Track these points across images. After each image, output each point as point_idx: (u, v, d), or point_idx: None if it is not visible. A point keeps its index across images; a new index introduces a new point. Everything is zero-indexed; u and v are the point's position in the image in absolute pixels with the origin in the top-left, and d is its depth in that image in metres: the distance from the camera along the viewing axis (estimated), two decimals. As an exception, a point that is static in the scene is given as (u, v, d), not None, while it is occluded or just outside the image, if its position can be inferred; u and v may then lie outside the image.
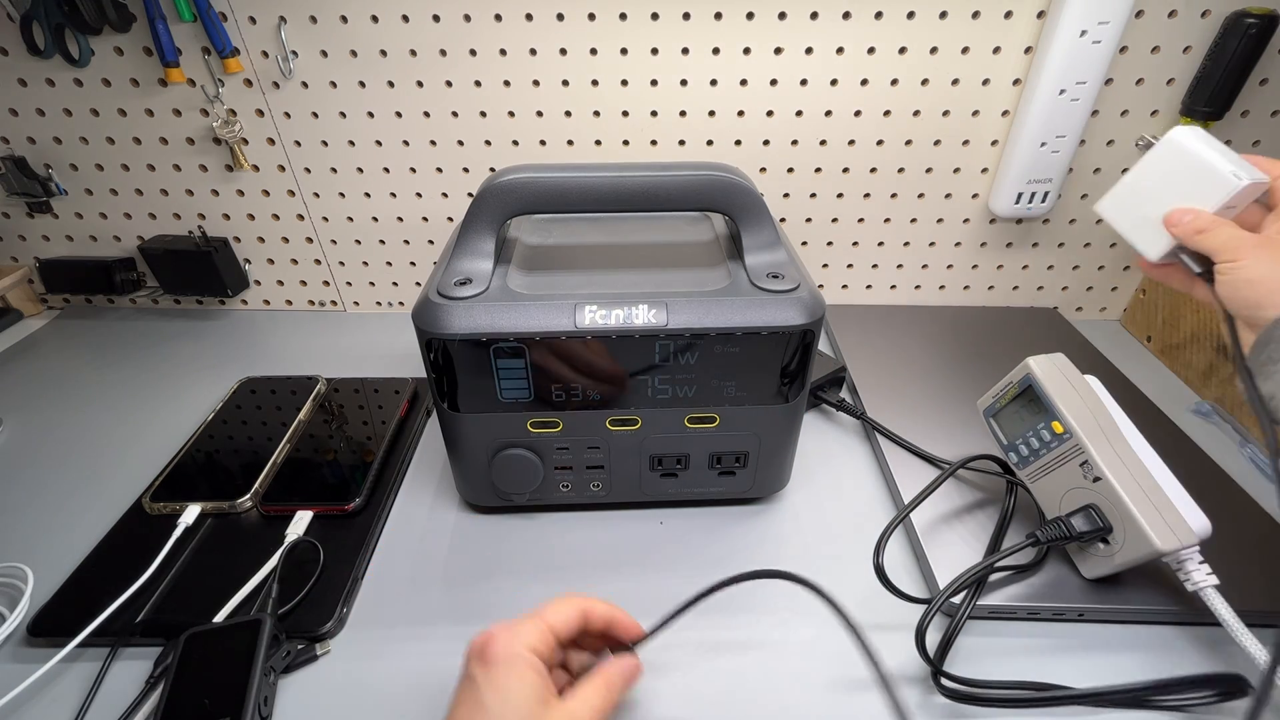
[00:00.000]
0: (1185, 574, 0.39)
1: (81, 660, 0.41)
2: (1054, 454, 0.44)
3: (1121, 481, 0.40)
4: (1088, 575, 0.44)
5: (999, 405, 0.49)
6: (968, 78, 0.63)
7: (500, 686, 0.29)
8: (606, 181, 0.43)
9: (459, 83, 0.64)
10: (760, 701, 0.40)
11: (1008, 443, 0.48)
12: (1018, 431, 0.47)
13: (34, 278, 0.77)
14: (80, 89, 0.65)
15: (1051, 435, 0.44)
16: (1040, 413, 0.45)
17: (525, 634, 0.31)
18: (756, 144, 0.68)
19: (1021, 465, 0.47)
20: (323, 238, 0.74)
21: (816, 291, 0.44)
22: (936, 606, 0.40)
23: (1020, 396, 0.47)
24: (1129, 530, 0.39)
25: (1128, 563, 0.40)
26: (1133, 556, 0.40)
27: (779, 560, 0.49)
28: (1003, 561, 0.43)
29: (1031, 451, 0.46)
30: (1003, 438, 0.48)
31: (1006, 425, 0.48)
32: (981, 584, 0.44)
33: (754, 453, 0.49)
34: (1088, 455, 0.42)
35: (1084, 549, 0.44)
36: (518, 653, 0.30)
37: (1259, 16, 0.57)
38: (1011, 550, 0.43)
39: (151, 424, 0.61)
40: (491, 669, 0.29)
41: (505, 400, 0.45)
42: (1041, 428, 0.45)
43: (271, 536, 0.48)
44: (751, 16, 0.60)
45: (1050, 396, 0.44)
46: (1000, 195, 0.69)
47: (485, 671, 0.29)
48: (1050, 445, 0.44)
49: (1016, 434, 0.47)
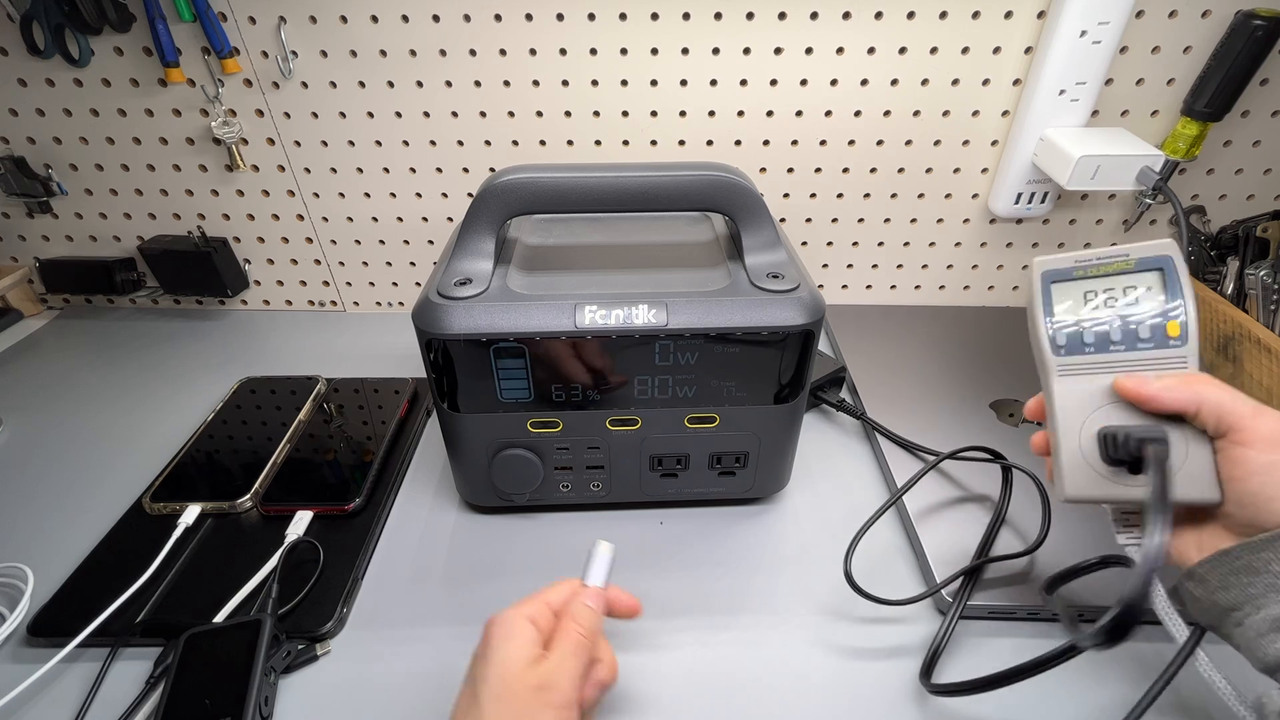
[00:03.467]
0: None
1: (81, 660, 0.41)
2: (1135, 357, 0.35)
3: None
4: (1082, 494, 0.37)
5: (1082, 273, 0.37)
6: (968, 78, 0.63)
7: (496, 646, 0.32)
8: (606, 182, 0.43)
9: (459, 83, 0.64)
10: (760, 700, 0.40)
11: (1063, 320, 0.37)
12: (1094, 315, 0.37)
13: (34, 278, 0.77)
14: (80, 89, 0.65)
15: (1154, 334, 0.35)
16: (1154, 303, 0.36)
17: (523, 606, 0.35)
18: (756, 144, 0.68)
19: (1066, 353, 0.37)
20: (322, 238, 0.74)
21: (816, 291, 0.44)
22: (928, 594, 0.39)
23: (1132, 274, 0.36)
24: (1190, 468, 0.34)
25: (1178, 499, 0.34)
26: (1178, 495, 0.33)
27: (779, 560, 0.49)
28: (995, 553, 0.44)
29: (1101, 343, 0.36)
30: (1056, 311, 0.37)
31: (1072, 298, 0.37)
32: (976, 575, 0.44)
33: (754, 453, 0.49)
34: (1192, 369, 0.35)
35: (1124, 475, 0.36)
36: (512, 616, 0.34)
37: (1266, 18, 0.57)
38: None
39: (151, 424, 0.61)
40: (490, 632, 0.33)
41: (505, 400, 0.45)
42: (1143, 319, 0.35)
43: (271, 537, 0.48)
44: (751, 16, 0.60)
45: (1186, 291, 0.35)
46: (1000, 195, 0.69)
47: (485, 638, 0.33)
48: (1141, 344, 0.35)
49: (1089, 315, 0.37)
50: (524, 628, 0.33)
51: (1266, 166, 0.68)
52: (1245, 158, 0.67)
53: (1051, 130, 0.63)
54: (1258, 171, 0.68)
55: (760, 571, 0.48)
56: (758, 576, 0.48)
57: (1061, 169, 0.61)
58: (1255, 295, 0.62)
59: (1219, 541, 0.33)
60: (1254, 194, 0.70)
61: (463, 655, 0.42)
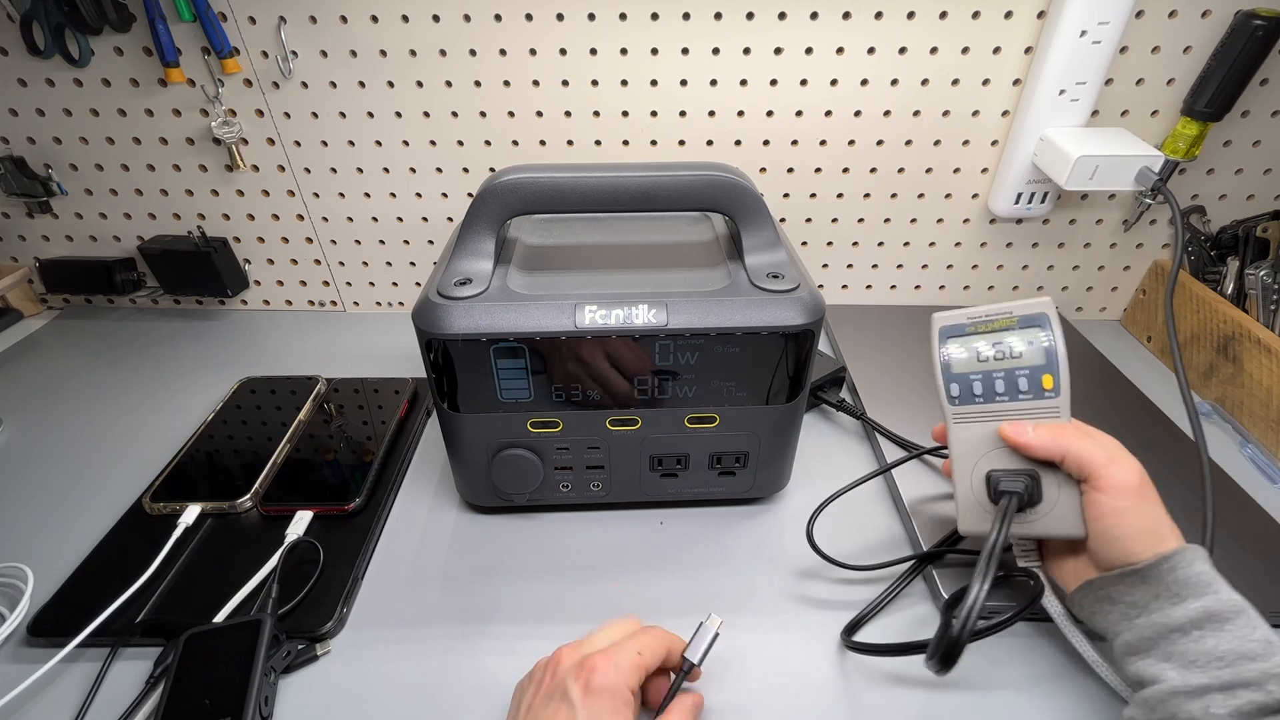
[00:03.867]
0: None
1: (81, 660, 0.41)
2: (1017, 406, 0.39)
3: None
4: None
5: (973, 329, 0.41)
6: (968, 78, 0.63)
7: (598, 718, 0.31)
8: (606, 182, 0.43)
9: (459, 83, 0.64)
10: (761, 700, 0.40)
11: (957, 373, 0.41)
12: (982, 368, 0.40)
13: (34, 278, 0.77)
14: (80, 89, 0.65)
15: (1032, 386, 0.39)
16: (1034, 358, 0.39)
17: (627, 672, 0.33)
18: (756, 144, 0.68)
19: (960, 402, 0.41)
20: (322, 238, 0.74)
21: (816, 291, 0.44)
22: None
23: (1015, 330, 0.40)
24: (1060, 508, 0.38)
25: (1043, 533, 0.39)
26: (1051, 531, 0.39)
27: (779, 561, 0.49)
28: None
29: (988, 393, 0.40)
30: (952, 364, 0.41)
31: (965, 353, 0.41)
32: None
33: (754, 453, 0.49)
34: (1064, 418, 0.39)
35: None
36: (619, 691, 0.32)
37: (1266, 18, 0.57)
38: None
39: (151, 424, 0.61)
40: (593, 700, 0.32)
41: (505, 400, 0.45)
42: (1023, 372, 0.39)
43: (271, 537, 0.48)
44: (751, 16, 0.60)
45: (1059, 348, 0.38)
46: (1000, 195, 0.69)
47: (587, 700, 0.32)
48: (1021, 395, 0.39)
49: (978, 368, 0.40)
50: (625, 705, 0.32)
51: (1266, 166, 0.68)
52: (1245, 158, 0.67)
53: (1051, 130, 0.63)
54: (1258, 171, 0.68)
55: (760, 571, 0.48)
56: (758, 576, 0.48)
57: (1061, 169, 0.61)
58: (1255, 295, 0.63)
59: (1088, 572, 0.38)
60: (1254, 194, 0.70)
61: (462, 655, 0.42)
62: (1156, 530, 0.36)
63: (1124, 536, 0.36)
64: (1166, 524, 0.36)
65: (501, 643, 0.43)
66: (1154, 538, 0.35)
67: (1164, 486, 0.37)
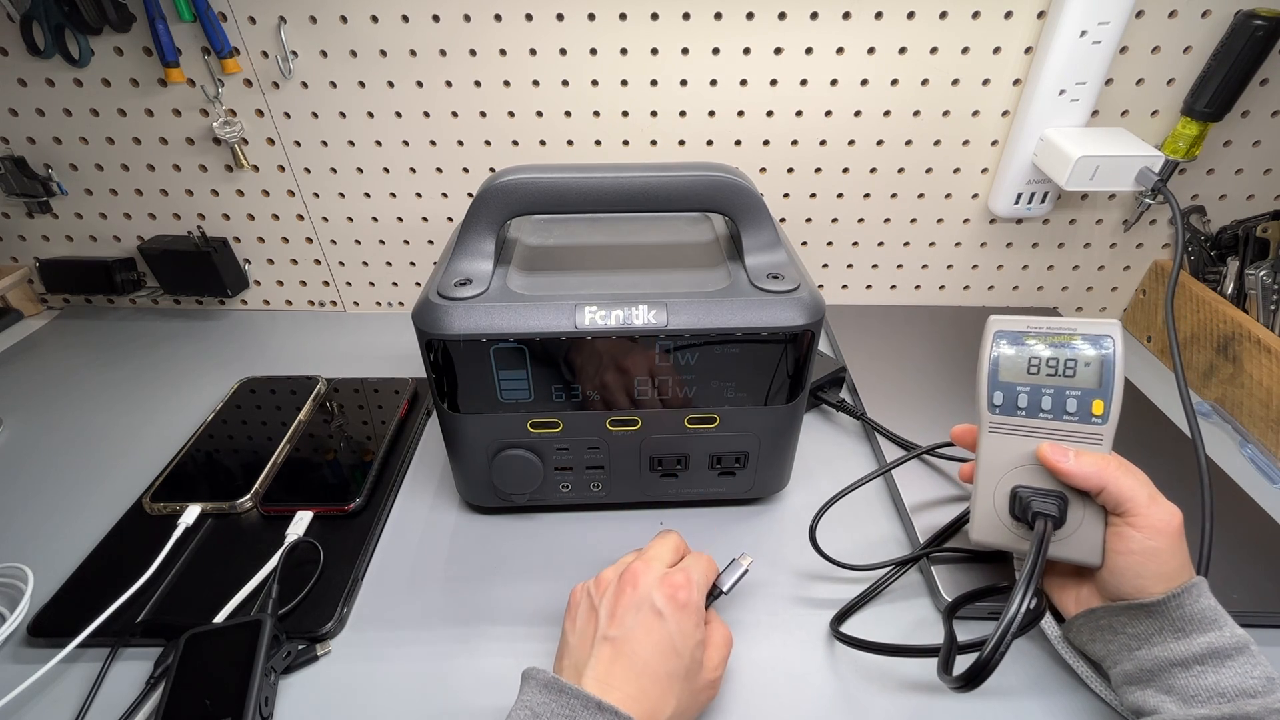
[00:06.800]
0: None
1: (81, 661, 0.41)
2: (1059, 426, 0.38)
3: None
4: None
5: (1031, 339, 0.39)
6: (968, 78, 0.63)
7: (686, 631, 0.35)
8: (606, 182, 0.43)
9: (459, 83, 0.64)
10: (761, 700, 0.40)
11: (1004, 380, 0.39)
12: (1032, 380, 0.38)
13: (34, 278, 0.77)
14: (80, 89, 0.65)
15: (1080, 409, 0.37)
16: (1088, 381, 0.37)
17: (701, 589, 0.38)
18: (756, 144, 0.67)
19: (1000, 411, 0.39)
20: (323, 238, 0.74)
21: (816, 292, 0.44)
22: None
23: (1075, 348, 0.38)
24: (1081, 535, 0.38)
25: (1058, 556, 0.39)
26: (1067, 555, 0.38)
27: (779, 561, 0.49)
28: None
29: (1032, 408, 0.38)
30: (1000, 371, 0.39)
31: (1016, 362, 0.39)
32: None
33: (754, 453, 0.49)
34: (1106, 447, 0.38)
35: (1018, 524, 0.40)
36: (700, 607, 0.37)
37: (1266, 18, 0.57)
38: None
39: (151, 424, 0.61)
40: (682, 614, 0.35)
41: (505, 401, 0.45)
42: (1073, 393, 0.38)
43: (271, 537, 0.48)
44: (751, 16, 0.60)
45: (1117, 375, 0.37)
46: (1000, 195, 0.69)
47: (678, 615, 0.35)
48: (1067, 416, 0.38)
49: (1026, 380, 0.39)
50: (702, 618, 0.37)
51: (1266, 166, 0.68)
52: (1245, 158, 0.67)
53: (1051, 130, 0.63)
54: (1258, 171, 0.68)
55: (760, 572, 0.48)
56: (758, 576, 0.48)
57: (1060, 169, 0.61)
58: (1255, 295, 0.63)
59: (1091, 600, 0.38)
60: (1254, 194, 0.70)
61: (462, 655, 0.42)
62: (1180, 573, 0.35)
63: (1146, 575, 0.35)
64: (1189, 568, 0.36)
65: (501, 643, 0.43)
66: (1174, 580, 0.35)
67: (1164, 487, 0.37)
